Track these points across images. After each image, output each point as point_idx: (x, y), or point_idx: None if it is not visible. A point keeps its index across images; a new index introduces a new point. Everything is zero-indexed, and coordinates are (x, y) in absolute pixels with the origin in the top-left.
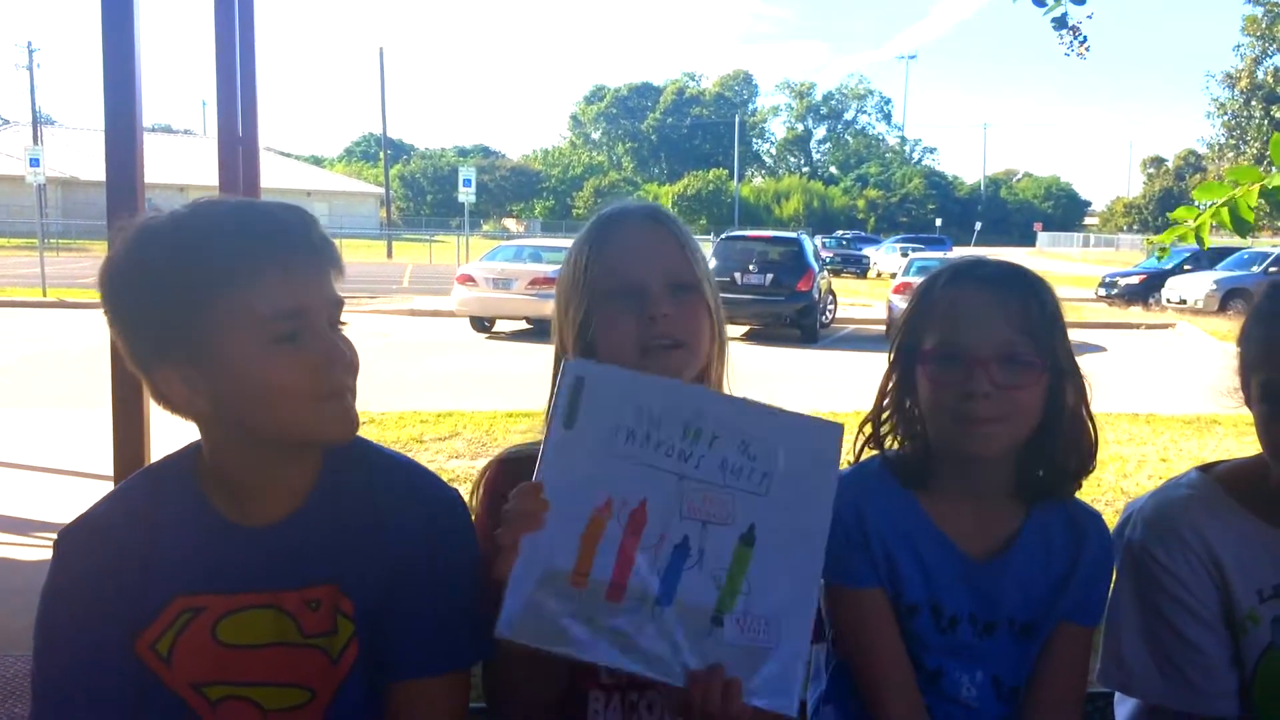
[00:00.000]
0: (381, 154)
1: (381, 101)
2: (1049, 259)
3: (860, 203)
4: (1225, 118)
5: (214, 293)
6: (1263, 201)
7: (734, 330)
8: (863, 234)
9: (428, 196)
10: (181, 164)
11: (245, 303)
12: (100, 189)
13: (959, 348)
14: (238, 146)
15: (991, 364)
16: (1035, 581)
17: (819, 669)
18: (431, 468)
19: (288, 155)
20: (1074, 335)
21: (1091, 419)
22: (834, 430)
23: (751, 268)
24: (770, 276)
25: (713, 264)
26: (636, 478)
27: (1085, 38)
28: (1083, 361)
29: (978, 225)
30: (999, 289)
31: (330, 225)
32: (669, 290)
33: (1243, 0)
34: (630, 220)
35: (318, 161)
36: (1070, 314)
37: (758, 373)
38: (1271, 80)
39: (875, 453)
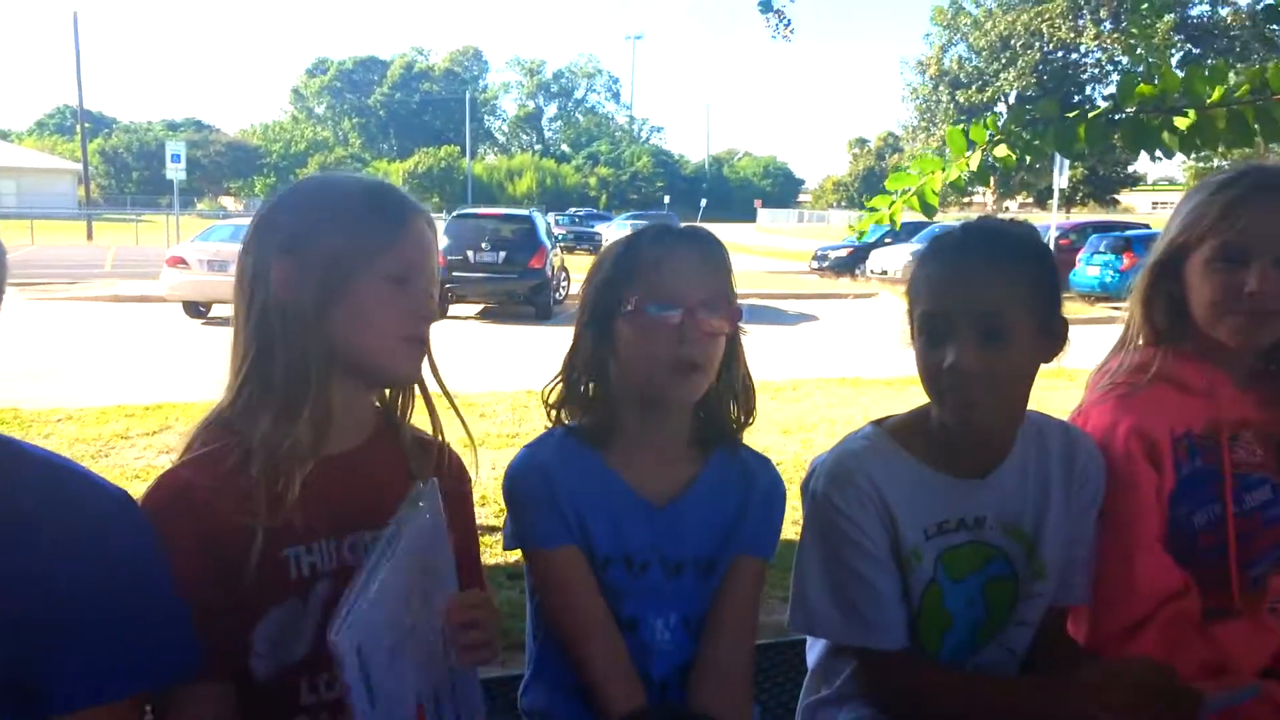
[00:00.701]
0: (78, 127)
1: (77, 70)
2: (769, 234)
3: (592, 180)
4: (918, 101)
5: None
6: (946, 186)
7: (467, 309)
8: (595, 211)
9: (133, 174)
10: None
11: None
12: None
13: (671, 298)
14: None
15: (699, 311)
16: (712, 521)
17: (531, 653)
18: (139, 465)
19: None
20: (790, 305)
21: (748, 372)
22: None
23: (484, 246)
24: (503, 254)
25: (444, 243)
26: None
27: (789, 20)
28: (799, 329)
29: (703, 202)
30: (698, 245)
31: (20, 205)
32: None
33: None
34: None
35: (4, 135)
36: (786, 285)
37: (491, 352)
38: (956, 67)
39: (560, 424)
